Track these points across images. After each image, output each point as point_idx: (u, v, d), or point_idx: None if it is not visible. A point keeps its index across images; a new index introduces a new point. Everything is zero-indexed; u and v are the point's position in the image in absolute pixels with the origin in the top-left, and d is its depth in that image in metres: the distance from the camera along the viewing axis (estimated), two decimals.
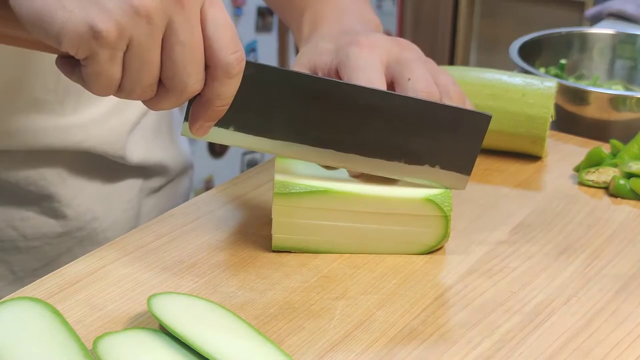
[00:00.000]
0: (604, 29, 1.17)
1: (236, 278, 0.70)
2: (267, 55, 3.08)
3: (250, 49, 3.03)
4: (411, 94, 0.72)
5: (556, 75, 1.08)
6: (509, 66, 1.04)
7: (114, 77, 0.60)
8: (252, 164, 2.84)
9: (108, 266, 0.71)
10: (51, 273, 0.69)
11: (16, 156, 0.84)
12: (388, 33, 3.06)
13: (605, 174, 0.85)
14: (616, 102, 0.96)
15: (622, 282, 0.71)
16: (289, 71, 0.71)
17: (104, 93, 0.62)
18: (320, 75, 0.77)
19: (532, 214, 0.81)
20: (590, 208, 0.82)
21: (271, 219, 0.72)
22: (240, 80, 0.64)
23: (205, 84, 0.63)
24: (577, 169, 0.87)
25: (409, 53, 0.76)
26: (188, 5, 0.60)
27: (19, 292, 0.67)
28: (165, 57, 0.61)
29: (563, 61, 1.11)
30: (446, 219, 0.72)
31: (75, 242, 0.89)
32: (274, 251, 0.73)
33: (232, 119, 0.68)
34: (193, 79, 0.62)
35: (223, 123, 0.68)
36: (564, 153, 0.93)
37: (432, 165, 0.73)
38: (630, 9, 1.43)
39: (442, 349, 0.63)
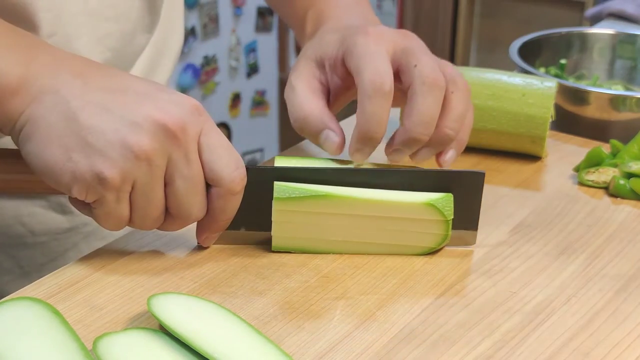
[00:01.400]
0: (604, 29, 1.17)
1: (236, 278, 0.70)
2: (267, 55, 3.08)
3: (250, 49, 3.03)
4: (417, 80, 0.72)
5: (556, 75, 1.08)
6: (509, 66, 1.04)
7: (123, 215, 0.65)
8: (252, 164, 2.83)
9: (108, 266, 0.71)
10: (51, 273, 0.69)
11: None
12: None
13: (605, 174, 0.85)
14: (616, 102, 0.96)
15: (622, 282, 0.71)
16: (288, 169, 0.72)
17: (115, 229, 0.67)
18: (327, 67, 0.77)
19: (532, 214, 0.81)
20: (590, 208, 0.82)
21: (271, 220, 0.72)
22: (242, 195, 0.68)
23: (209, 201, 0.67)
24: (577, 169, 0.87)
25: (415, 42, 0.76)
26: (184, 140, 0.64)
27: (19, 292, 0.67)
28: (169, 191, 0.66)
29: (563, 61, 1.11)
30: (447, 223, 0.72)
31: (81, 237, 0.90)
32: (274, 251, 0.73)
33: (241, 221, 0.71)
34: (196, 208, 0.67)
35: (232, 226, 0.71)
36: (564, 153, 0.93)
37: None
38: (630, 9, 1.43)
39: (442, 349, 0.63)
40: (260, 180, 0.71)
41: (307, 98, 0.75)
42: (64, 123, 0.63)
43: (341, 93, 0.79)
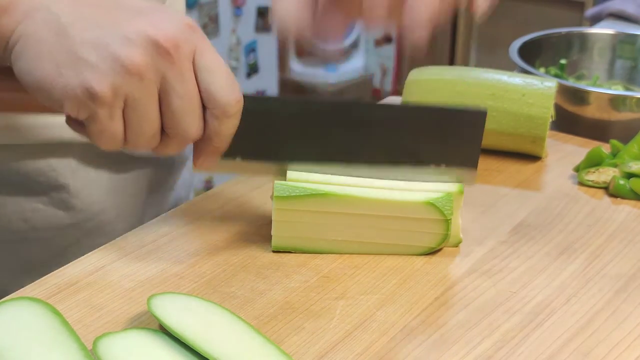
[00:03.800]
0: (604, 29, 1.17)
1: (236, 278, 0.70)
2: (267, 55, 3.08)
3: (250, 49, 3.03)
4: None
5: (556, 75, 1.08)
6: (509, 66, 1.04)
7: (117, 133, 0.65)
8: None
9: (108, 266, 0.71)
10: (51, 273, 0.69)
11: (26, 148, 0.85)
12: (388, 34, 3.06)
13: (605, 174, 0.85)
14: (616, 102, 0.96)
15: (622, 282, 0.71)
16: (285, 98, 0.73)
17: (110, 147, 0.66)
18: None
19: (532, 214, 0.81)
20: (590, 208, 0.82)
21: (271, 219, 0.72)
22: (239, 118, 0.67)
23: (205, 123, 0.67)
24: (577, 169, 0.87)
25: None
26: (178, 58, 0.64)
27: (19, 292, 0.67)
28: (165, 109, 0.65)
29: (563, 61, 1.11)
30: (447, 222, 0.72)
31: (83, 233, 0.90)
32: (274, 251, 0.73)
33: (237, 150, 0.71)
34: (193, 127, 0.66)
35: (229, 154, 0.70)
36: (564, 153, 0.93)
37: (438, 165, 0.73)
38: (630, 9, 1.43)
39: (442, 349, 0.63)
40: (258, 110, 0.70)
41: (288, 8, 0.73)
42: (54, 38, 0.62)
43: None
